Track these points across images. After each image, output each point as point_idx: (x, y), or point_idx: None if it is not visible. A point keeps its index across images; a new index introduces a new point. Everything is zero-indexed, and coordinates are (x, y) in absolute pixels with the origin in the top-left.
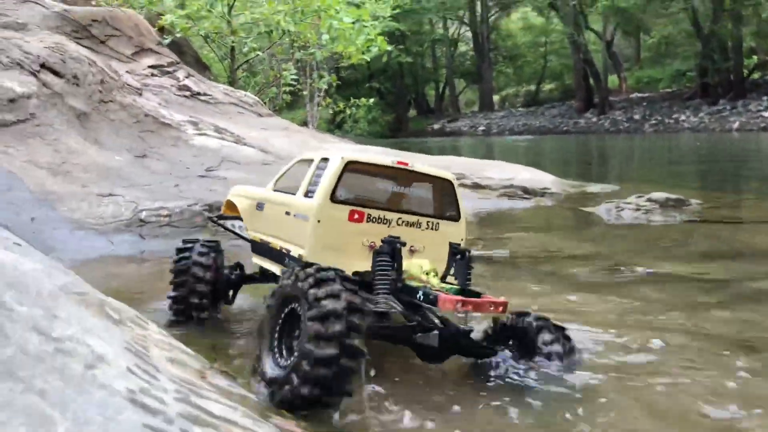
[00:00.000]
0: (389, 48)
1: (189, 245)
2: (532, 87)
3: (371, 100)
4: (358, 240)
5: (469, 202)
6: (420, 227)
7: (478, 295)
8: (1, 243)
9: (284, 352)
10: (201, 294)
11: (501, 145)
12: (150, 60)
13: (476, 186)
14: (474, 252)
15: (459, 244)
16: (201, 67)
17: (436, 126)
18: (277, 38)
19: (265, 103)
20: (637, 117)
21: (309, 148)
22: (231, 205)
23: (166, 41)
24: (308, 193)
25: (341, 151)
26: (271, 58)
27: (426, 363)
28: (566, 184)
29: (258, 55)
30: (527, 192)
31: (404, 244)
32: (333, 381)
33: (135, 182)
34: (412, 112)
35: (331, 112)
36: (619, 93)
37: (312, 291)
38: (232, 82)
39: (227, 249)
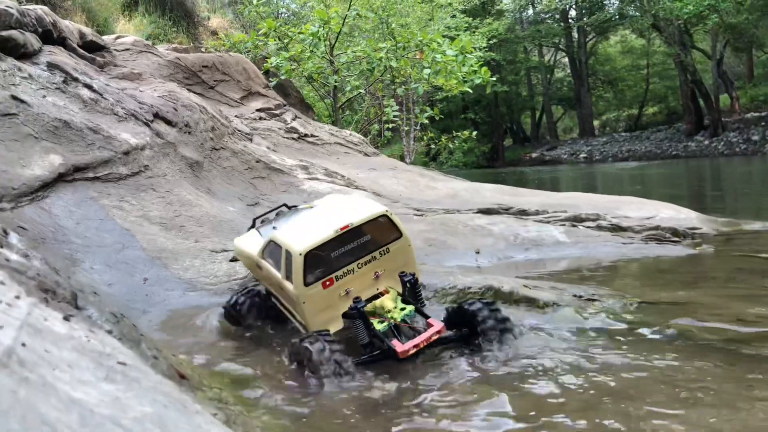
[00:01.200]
0: (493, 78)
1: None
2: (634, 111)
3: (474, 133)
4: (336, 295)
5: (609, 249)
6: (376, 259)
7: (427, 316)
8: (102, 366)
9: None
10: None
11: (607, 173)
12: (258, 103)
13: (615, 228)
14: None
15: (406, 273)
16: (304, 107)
17: (534, 154)
18: (378, 75)
19: (368, 141)
20: (755, 138)
21: (419, 189)
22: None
23: (272, 83)
24: (287, 278)
25: (298, 241)
26: (372, 95)
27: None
28: (716, 222)
29: (360, 92)
30: (676, 234)
31: (361, 302)
32: None
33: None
34: (508, 141)
35: (424, 144)
36: (732, 113)
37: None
38: (335, 121)
39: None
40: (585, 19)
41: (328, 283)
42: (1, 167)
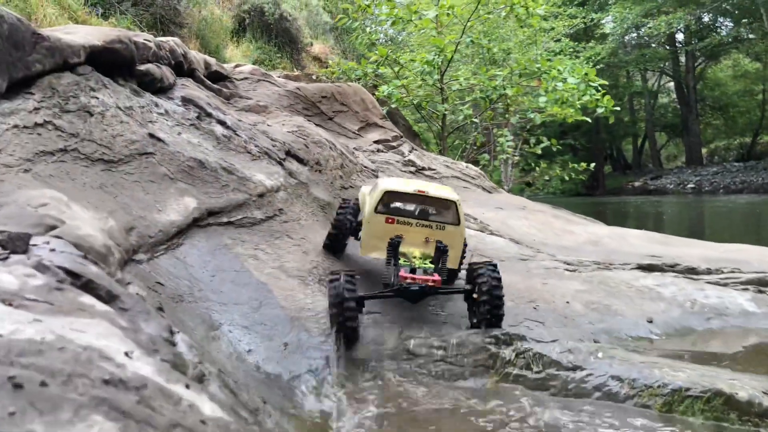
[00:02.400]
0: (617, 108)
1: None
2: (747, 139)
3: (591, 165)
4: (391, 232)
5: None
6: (431, 228)
7: (439, 272)
8: None
9: None
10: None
11: (718, 206)
12: (375, 135)
13: None
14: None
15: (442, 242)
16: (412, 135)
17: (636, 183)
18: (488, 104)
19: (485, 174)
20: None
21: (554, 232)
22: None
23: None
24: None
25: (386, 181)
26: (480, 124)
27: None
28: None
29: (474, 122)
30: None
31: (400, 241)
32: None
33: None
34: (608, 168)
35: (520, 171)
36: None
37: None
38: (441, 151)
39: None
40: (695, 43)
41: (390, 220)
42: (138, 212)
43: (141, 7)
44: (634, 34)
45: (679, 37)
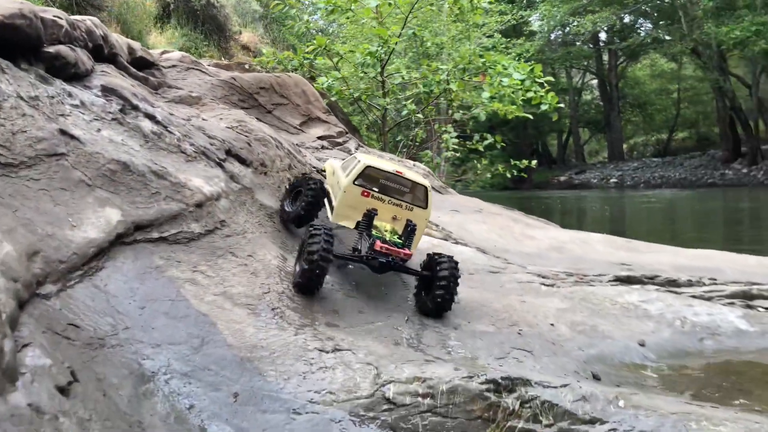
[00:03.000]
0: (561, 105)
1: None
2: (664, 135)
3: (533, 163)
4: (364, 204)
5: None
6: (401, 207)
7: (407, 247)
8: None
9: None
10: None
11: (644, 201)
12: (319, 130)
13: None
14: None
15: (411, 222)
16: (351, 130)
17: (562, 178)
18: (431, 99)
19: (434, 173)
20: None
21: (515, 237)
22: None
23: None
24: (347, 176)
25: (366, 157)
26: (422, 120)
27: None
28: None
29: (418, 117)
30: None
31: (376, 214)
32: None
33: (356, 321)
34: (534, 163)
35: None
36: None
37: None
38: (383, 147)
39: None
40: (617, 41)
41: (366, 193)
42: (45, 229)
43: None
44: (560, 32)
45: (602, 36)
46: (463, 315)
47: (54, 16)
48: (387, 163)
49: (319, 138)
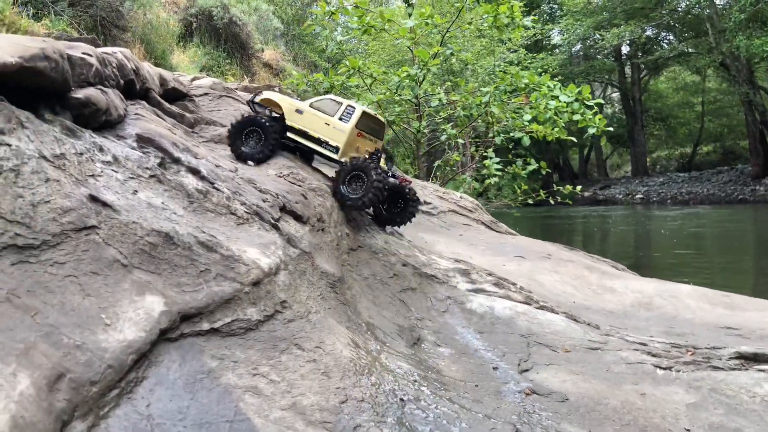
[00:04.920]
0: (610, 129)
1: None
2: (687, 149)
3: (568, 187)
4: (357, 143)
5: None
6: (373, 141)
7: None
8: None
9: (352, 188)
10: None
11: (676, 219)
12: None
13: None
14: None
15: (378, 150)
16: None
17: (586, 193)
18: (470, 122)
19: (481, 206)
20: None
21: (593, 290)
22: (269, 101)
23: None
24: (342, 119)
25: (356, 104)
26: (463, 144)
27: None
28: None
29: (459, 142)
30: None
31: (379, 154)
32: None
33: (428, 416)
34: (554, 177)
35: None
36: None
37: (373, 171)
38: (417, 171)
39: None
40: (642, 56)
41: (359, 134)
42: (72, 337)
43: (79, 8)
44: (582, 46)
45: (624, 49)
46: (579, 419)
47: (83, 54)
48: (364, 106)
49: None
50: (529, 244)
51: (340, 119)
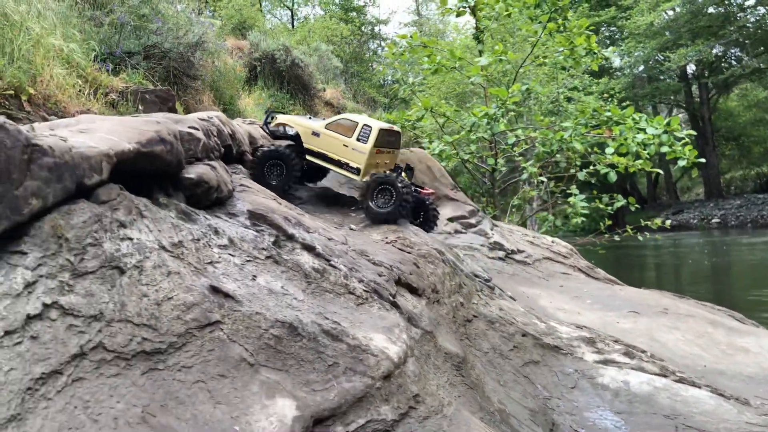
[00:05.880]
0: (703, 159)
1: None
2: (765, 169)
3: (658, 222)
4: (376, 159)
5: None
6: (392, 153)
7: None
8: None
9: (381, 202)
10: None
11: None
12: (448, 210)
13: None
14: None
15: (398, 165)
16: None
17: (657, 220)
18: (549, 158)
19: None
20: None
21: (721, 349)
22: (284, 125)
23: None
24: (359, 139)
25: (375, 121)
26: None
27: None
28: None
29: (542, 181)
30: None
31: (401, 170)
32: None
33: None
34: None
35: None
36: None
37: (399, 183)
38: (494, 210)
39: None
40: (711, 75)
41: (378, 151)
42: None
43: (153, 61)
44: (645, 68)
45: (690, 68)
46: None
47: (189, 129)
48: (378, 121)
49: (450, 220)
50: (640, 296)
51: (358, 140)
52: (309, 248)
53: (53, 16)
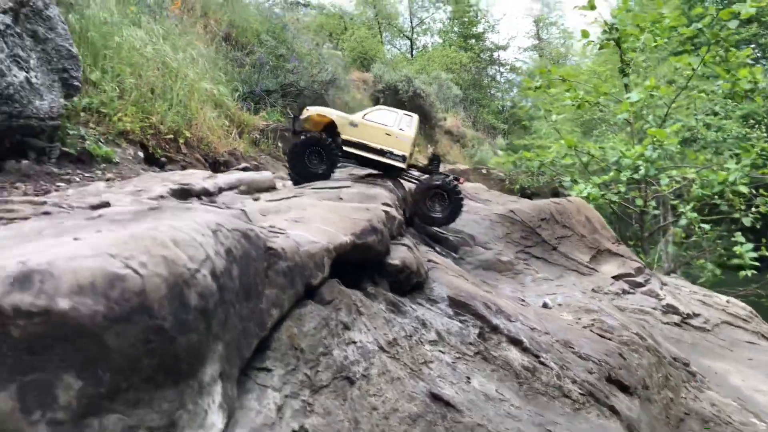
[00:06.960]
0: None
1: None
2: None
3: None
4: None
5: None
6: (417, 142)
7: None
8: None
9: (434, 206)
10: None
11: None
12: (611, 267)
13: None
14: None
15: (437, 155)
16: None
17: None
18: (702, 199)
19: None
20: None
21: None
22: (314, 122)
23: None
24: (401, 128)
25: (403, 112)
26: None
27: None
28: None
29: (702, 228)
30: None
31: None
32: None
33: None
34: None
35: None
36: None
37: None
38: (650, 264)
39: None
40: None
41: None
42: None
43: (288, 99)
44: None
45: None
46: None
47: (385, 208)
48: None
49: (615, 278)
50: None
51: (401, 129)
52: (515, 341)
53: (204, 61)
